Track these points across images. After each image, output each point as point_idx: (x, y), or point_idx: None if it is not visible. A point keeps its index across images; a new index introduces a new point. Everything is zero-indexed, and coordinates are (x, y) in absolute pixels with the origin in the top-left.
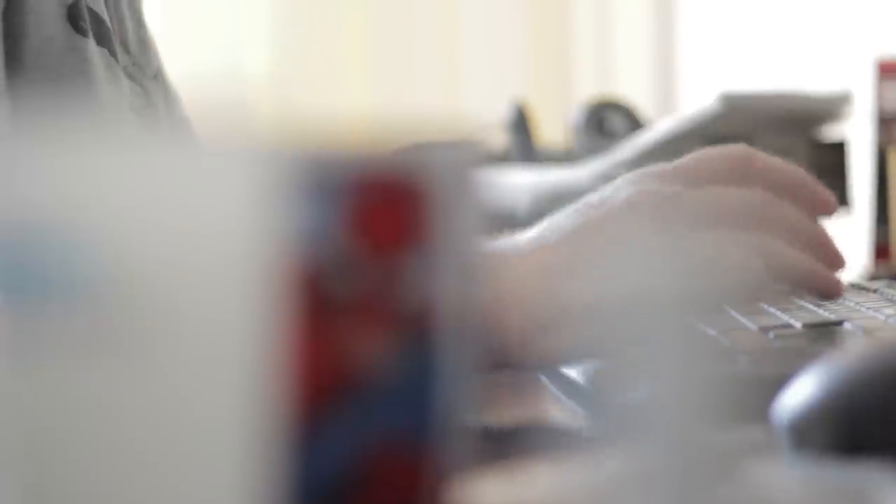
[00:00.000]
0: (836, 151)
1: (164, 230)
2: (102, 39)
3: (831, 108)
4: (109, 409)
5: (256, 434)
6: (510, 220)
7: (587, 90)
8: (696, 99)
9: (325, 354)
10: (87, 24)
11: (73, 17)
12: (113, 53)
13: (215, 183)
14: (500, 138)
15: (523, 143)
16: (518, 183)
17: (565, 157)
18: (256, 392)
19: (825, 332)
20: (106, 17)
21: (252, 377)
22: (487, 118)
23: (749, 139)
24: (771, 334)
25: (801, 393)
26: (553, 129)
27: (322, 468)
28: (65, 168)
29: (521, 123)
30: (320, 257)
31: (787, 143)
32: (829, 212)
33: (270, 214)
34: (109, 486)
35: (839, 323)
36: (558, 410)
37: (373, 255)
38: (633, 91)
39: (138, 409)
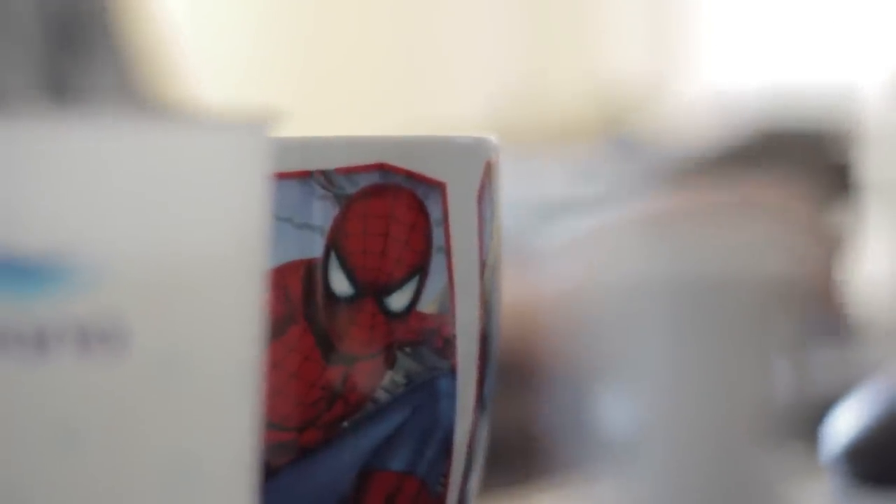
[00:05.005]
0: (848, 173)
1: (154, 217)
2: None
3: (844, 132)
4: (98, 403)
5: (251, 442)
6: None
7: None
8: (688, 101)
9: (319, 366)
10: None
11: None
12: None
13: (210, 173)
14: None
15: None
16: (520, 198)
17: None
18: (249, 404)
19: None
20: None
21: (245, 386)
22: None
23: (759, 160)
24: None
25: (852, 418)
26: (548, 132)
27: (320, 488)
28: (45, 151)
29: None
30: (321, 258)
31: (795, 163)
32: None
33: (267, 210)
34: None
35: None
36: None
37: (376, 260)
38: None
39: (129, 403)
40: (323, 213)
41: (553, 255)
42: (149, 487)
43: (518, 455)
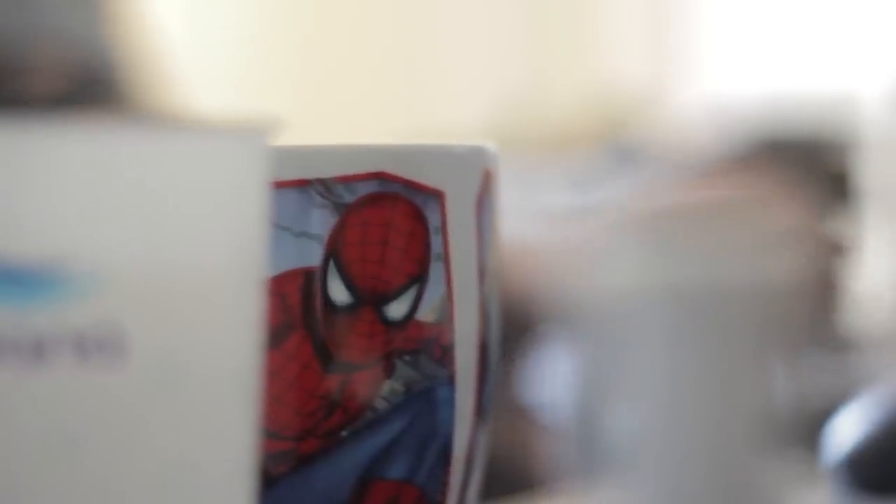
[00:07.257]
0: (845, 182)
1: (151, 224)
2: None
3: (843, 141)
4: (98, 413)
5: (250, 452)
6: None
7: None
8: (687, 109)
9: (317, 375)
10: None
11: None
12: None
13: (209, 181)
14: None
15: None
16: (520, 204)
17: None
18: (248, 413)
19: None
20: None
21: (243, 394)
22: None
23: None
24: None
25: (852, 426)
26: (547, 139)
27: (319, 497)
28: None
29: None
30: (320, 267)
31: (794, 172)
32: None
33: (265, 219)
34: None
35: None
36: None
37: (374, 268)
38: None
39: (128, 411)
40: (321, 221)
41: (550, 253)
42: (147, 495)
43: (518, 463)
